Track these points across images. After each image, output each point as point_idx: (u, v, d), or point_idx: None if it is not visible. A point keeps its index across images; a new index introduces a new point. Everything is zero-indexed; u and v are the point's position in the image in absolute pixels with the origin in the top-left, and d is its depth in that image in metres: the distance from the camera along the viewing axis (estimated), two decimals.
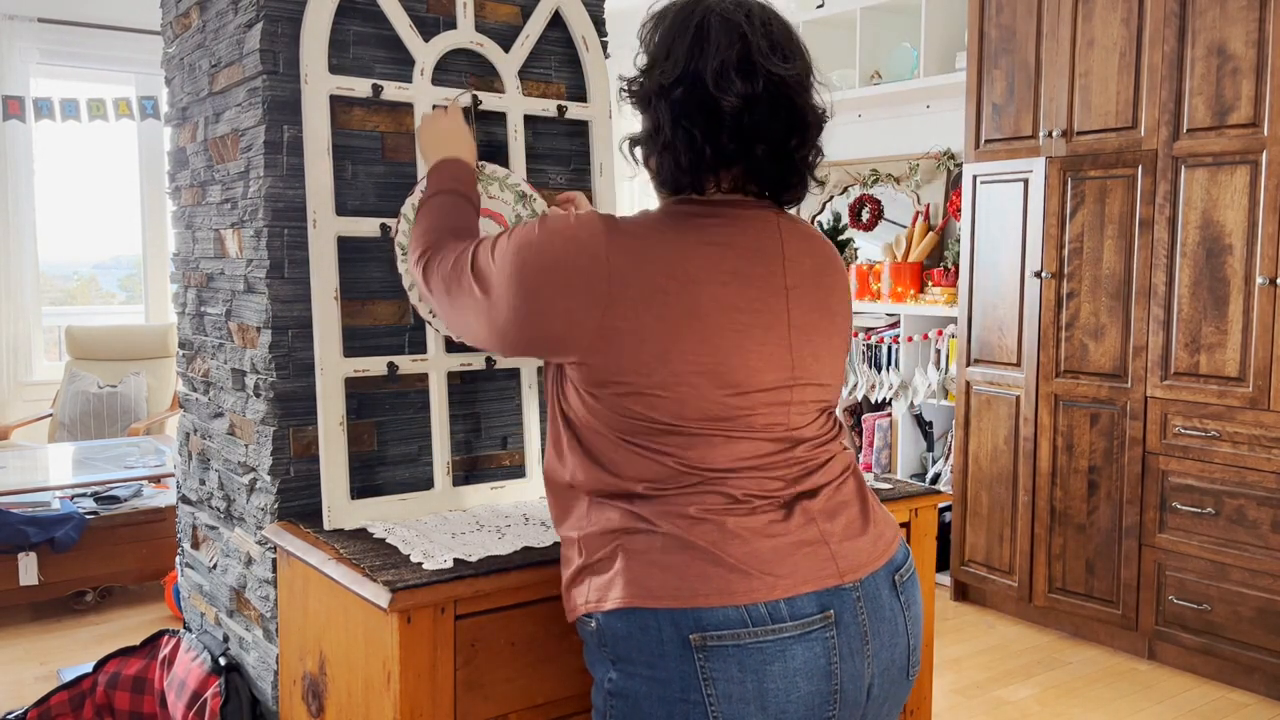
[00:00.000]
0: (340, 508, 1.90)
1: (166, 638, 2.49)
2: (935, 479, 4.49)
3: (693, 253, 1.36)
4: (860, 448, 4.84)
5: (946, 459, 4.49)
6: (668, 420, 1.35)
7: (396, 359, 1.99)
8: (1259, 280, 3.17)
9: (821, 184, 1.51)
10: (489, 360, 2.08)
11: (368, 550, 1.73)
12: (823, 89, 1.43)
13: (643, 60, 1.42)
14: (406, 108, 2.06)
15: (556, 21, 2.23)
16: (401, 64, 2.07)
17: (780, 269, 1.41)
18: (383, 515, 1.94)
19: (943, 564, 4.23)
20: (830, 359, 1.47)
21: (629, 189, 6.30)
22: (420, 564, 1.63)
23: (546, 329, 1.38)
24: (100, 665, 2.52)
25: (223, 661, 2.22)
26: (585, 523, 1.42)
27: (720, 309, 1.35)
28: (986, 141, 3.94)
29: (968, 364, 4.02)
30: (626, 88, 1.44)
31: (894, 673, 1.40)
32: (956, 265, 4.44)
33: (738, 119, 1.34)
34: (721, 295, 1.35)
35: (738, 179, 1.40)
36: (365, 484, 2.02)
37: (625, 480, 1.38)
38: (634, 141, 1.45)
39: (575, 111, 2.23)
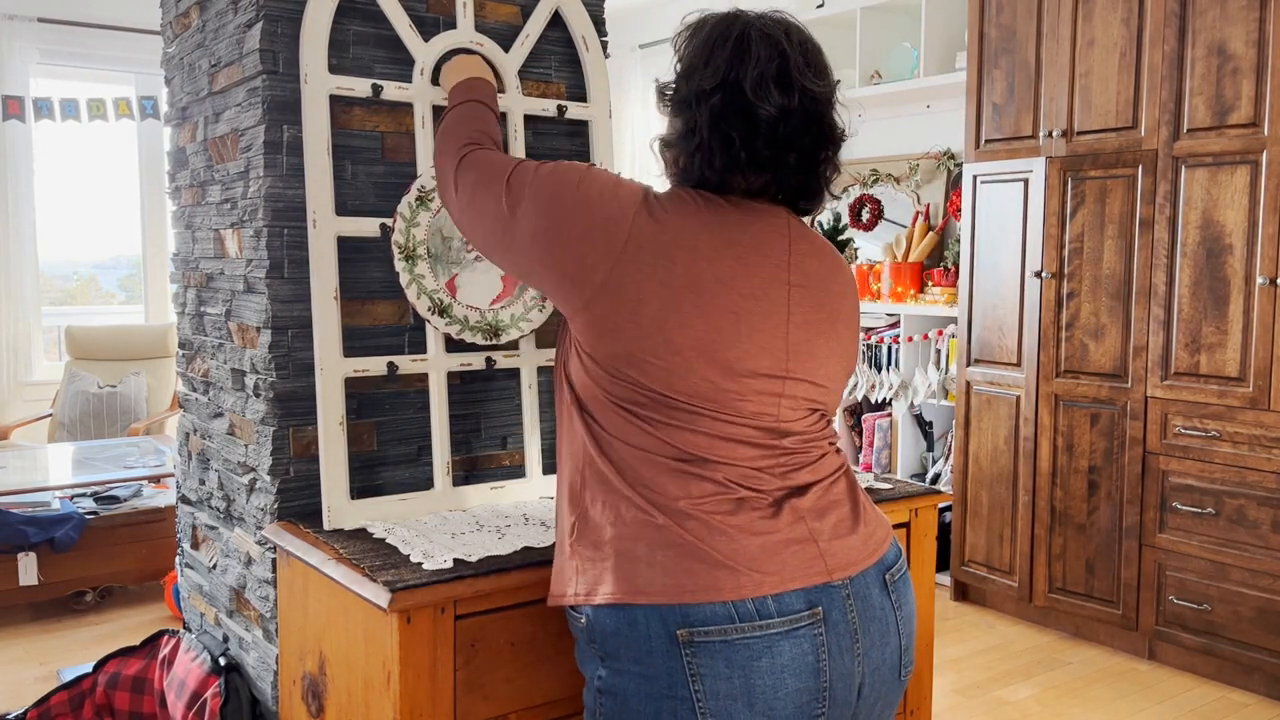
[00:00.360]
0: (340, 508, 1.90)
1: (166, 638, 2.49)
2: (935, 479, 4.49)
3: (704, 231, 1.40)
4: (860, 448, 4.84)
5: (946, 459, 4.49)
6: (659, 390, 1.36)
7: (396, 359, 1.99)
8: (1259, 280, 3.17)
9: (838, 198, 1.56)
10: (489, 360, 2.08)
11: (368, 550, 1.73)
12: (843, 108, 1.49)
13: (679, 66, 1.47)
14: (406, 108, 2.06)
15: (556, 21, 2.23)
16: (401, 64, 2.07)
17: (785, 263, 1.44)
18: (383, 515, 1.93)
19: (943, 564, 4.23)
20: (829, 361, 1.47)
21: None
22: (420, 564, 1.63)
23: (556, 262, 1.41)
24: (100, 665, 2.52)
25: (222, 662, 2.22)
26: (581, 500, 1.44)
27: (721, 287, 1.38)
28: (986, 141, 3.94)
29: (968, 364, 4.02)
30: (663, 91, 1.49)
31: (885, 672, 1.41)
32: (956, 265, 4.44)
33: (773, 128, 1.39)
34: (723, 275, 1.38)
35: (766, 185, 1.44)
36: (365, 484, 2.02)
37: (617, 446, 1.39)
38: (666, 143, 1.49)
39: (575, 111, 2.23)
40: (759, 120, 1.39)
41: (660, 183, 1.52)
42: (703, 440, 1.37)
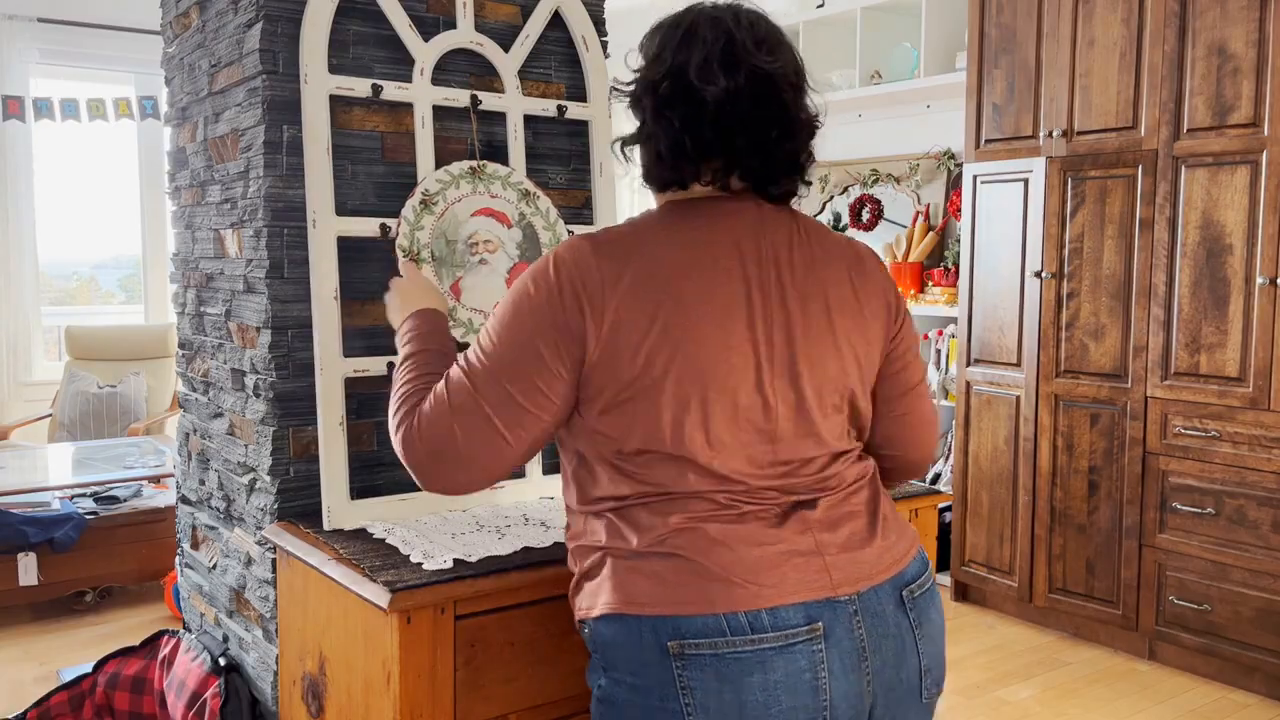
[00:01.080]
0: (340, 508, 1.90)
1: (166, 638, 2.49)
2: (935, 479, 4.49)
3: (675, 249, 1.35)
4: None
5: (946, 459, 4.49)
6: (662, 430, 1.32)
7: (396, 359, 1.99)
8: (1259, 280, 3.17)
9: (808, 184, 1.48)
10: None
11: (368, 550, 1.72)
12: (815, 93, 1.42)
13: (635, 64, 1.45)
14: (406, 108, 2.06)
15: (556, 21, 2.23)
16: (401, 64, 2.06)
17: (770, 262, 1.38)
18: (383, 515, 1.93)
19: (943, 564, 4.23)
20: (826, 358, 1.39)
21: (629, 189, 6.30)
22: (420, 564, 1.63)
23: (560, 349, 1.33)
24: (100, 665, 2.52)
25: (222, 662, 2.22)
26: (581, 535, 1.41)
27: (701, 304, 1.33)
28: (986, 141, 3.94)
29: (968, 364, 4.02)
30: (618, 88, 1.46)
31: (902, 693, 1.36)
32: (956, 265, 4.44)
33: (719, 110, 1.34)
34: (701, 290, 1.33)
35: (718, 171, 1.39)
36: (365, 484, 2.02)
37: (618, 494, 1.36)
38: (624, 141, 1.46)
39: (575, 111, 2.23)
40: (704, 103, 1.34)
41: (638, 184, 1.49)
42: (700, 467, 1.33)
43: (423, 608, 1.54)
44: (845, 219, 5.12)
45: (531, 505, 2.05)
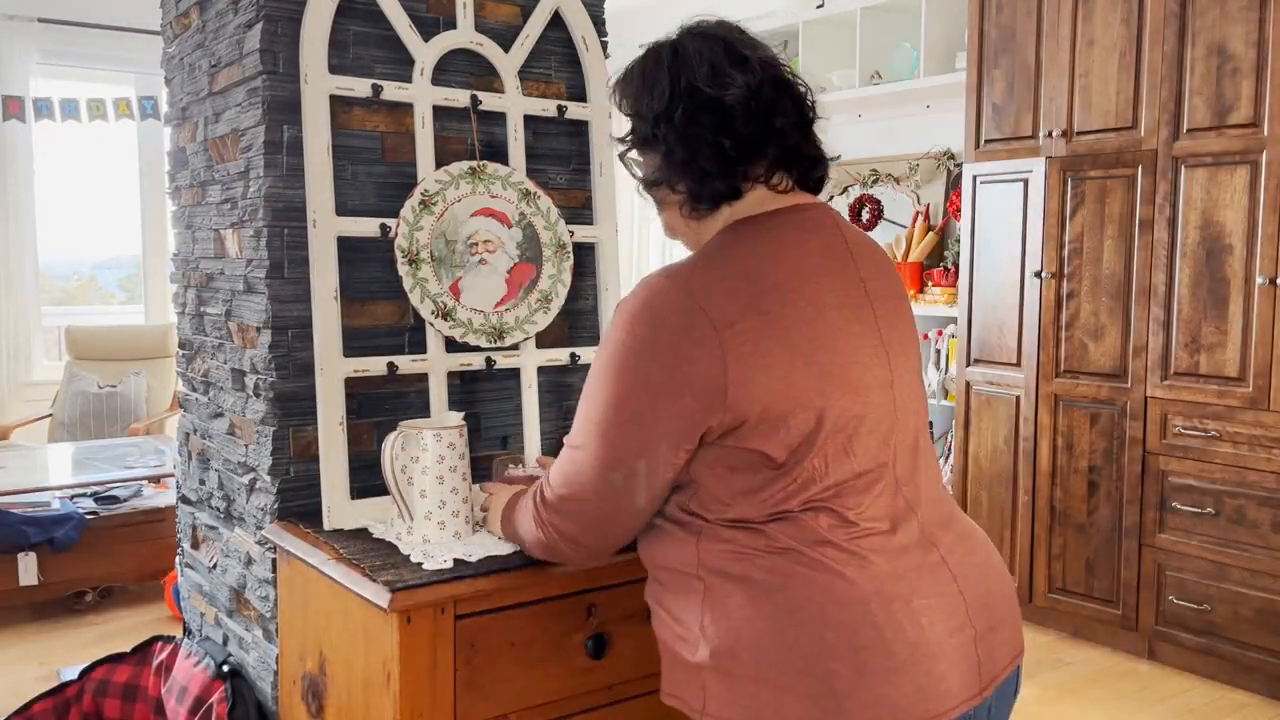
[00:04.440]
0: (340, 508, 1.90)
1: (160, 644, 2.47)
2: None
3: (773, 263, 1.31)
4: None
5: (946, 459, 4.49)
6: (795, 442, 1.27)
7: (396, 359, 1.99)
8: (1259, 280, 3.17)
9: (836, 158, 1.49)
10: (489, 360, 2.08)
11: (368, 550, 1.73)
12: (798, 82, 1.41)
13: (627, 110, 1.40)
14: (406, 108, 2.06)
15: (556, 21, 2.24)
16: (401, 64, 2.07)
17: (854, 265, 1.38)
18: (383, 515, 1.93)
19: None
20: (914, 377, 1.41)
21: (629, 189, 6.29)
22: (420, 564, 1.63)
23: (685, 407, 1.26)
24: (86, 672, 2.47)
25: (225, 669, 2.21)
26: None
27: (820, 310, 1.30)
28: (986, 141, 3.94)
29: (968, 364, 4.02)
30: (623, 140, 1.41)
31: None
32: (956, 265, 4.44)
33: (746, 106, 1.31)
34: (815, 296, 1.30)
35: (771, 165, 1.35)
36: (365, 484, 2.02)
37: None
38: (651, 183, 1.40)
39: (575, 111, 2.23)
40: (729, 106, 1.31)
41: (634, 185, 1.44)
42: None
43: (423, 608, 1.54)
44: (845, 219, 5.12)
45: None
